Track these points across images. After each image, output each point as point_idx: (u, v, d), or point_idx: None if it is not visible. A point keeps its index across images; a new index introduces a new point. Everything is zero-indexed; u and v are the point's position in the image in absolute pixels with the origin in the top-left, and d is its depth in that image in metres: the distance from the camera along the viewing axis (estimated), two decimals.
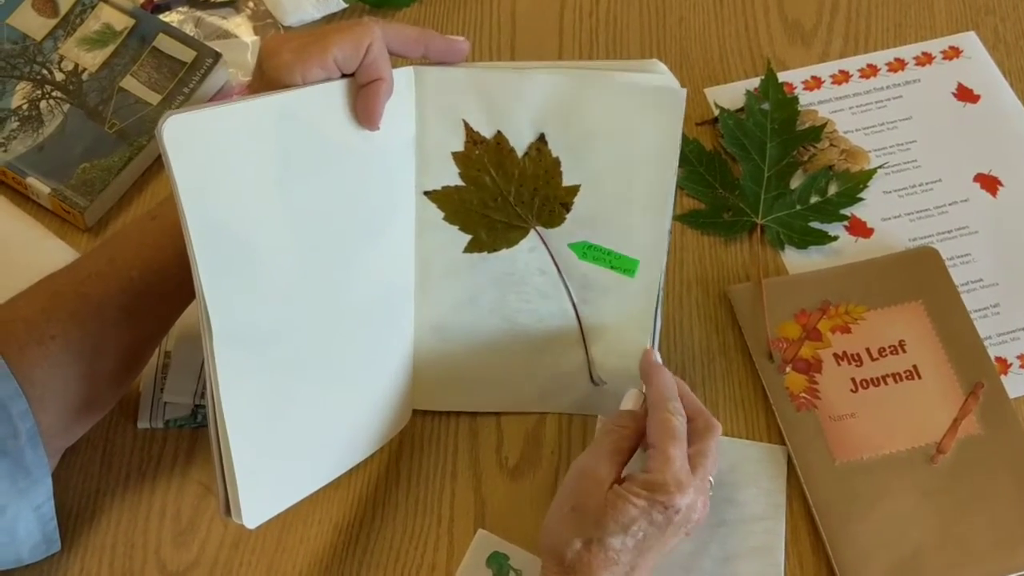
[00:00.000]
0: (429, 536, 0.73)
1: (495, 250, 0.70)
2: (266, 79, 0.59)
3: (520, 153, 0.66)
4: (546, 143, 0.66)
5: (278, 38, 0.60)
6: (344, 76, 0.60)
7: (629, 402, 0.68)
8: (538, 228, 0.69)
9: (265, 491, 0.65)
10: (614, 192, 0.67)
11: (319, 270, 0.63)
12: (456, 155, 0.66)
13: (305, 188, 0.60)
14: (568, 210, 0.68)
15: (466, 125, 0.65)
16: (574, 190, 0.67)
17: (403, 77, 0.62)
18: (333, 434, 0.70)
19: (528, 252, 0.70)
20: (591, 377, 0.75)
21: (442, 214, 0.68)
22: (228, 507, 0.63)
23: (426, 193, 0.67)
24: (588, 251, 0.69)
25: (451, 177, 0.67)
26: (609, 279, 0.70)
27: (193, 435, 0.76)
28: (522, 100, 0.64)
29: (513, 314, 0.72)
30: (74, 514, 0.74)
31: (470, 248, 0.70)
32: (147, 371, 0.77)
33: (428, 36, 0.62)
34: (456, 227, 0.69)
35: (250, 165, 0.57)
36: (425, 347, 0.73)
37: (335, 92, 0.60)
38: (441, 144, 0.66)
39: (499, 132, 0.65)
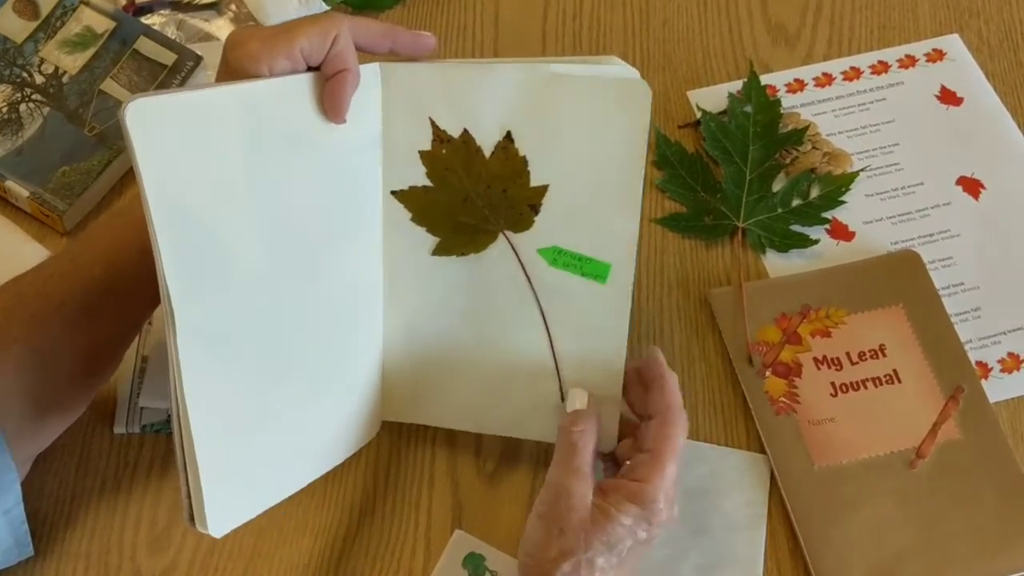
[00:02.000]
0: (406, 542, 0.72)
1: (464, 254, 0.68)
2: (231, 70, 0.58)
3: (488, 152, 0.65)
4: (512, 141, 0.65)
5: (245, 30, 0.60)
6: (311, 70, 0.59)
7: (577, 401, 0.67)
8: (506, 233, 0.68)
9: (231, 498, 0.63)
10: (583, 191, 0.65)
11: (286, 267, 0.62)
12: (423, 154, 0.65)
13: (271, 181, 0.59)
14: (536, 212, 0.66)
15: (432, 123, 0.64)
16: (542, 190, 0.66)
17: (369, 73, 0.62)
18: (302, 440, 0.68)
19: (498, 257, 0.68)
20: (561, 395, 0.70)
21: (409, 215, 0.67)
22: (192, 515, 0.61)
23: (393, 193, 0.67)
24: (558, 257, 0.67)
25: (418, 177, 0.66)
26: (580, 288, 0.68)
27: (169, 441, 0.76)
28: (488, 96, 0.63)
29: (482, 324, 0.70)
30: (49, 520, 0.73)
31: (438, 251, 0.68)
32: (123, 375, 0.77)
33: (395, 31, 0.62)
34: (424, 228, 0.68)
35: (215, 154, 0.56)
36: (395, 354, 0.72)
37: (302, 85, 0.59)
38: (408, 142, 0.65)
39: (465, 131, 0.64)
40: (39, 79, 0.91)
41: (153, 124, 0.52)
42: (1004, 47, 0.96)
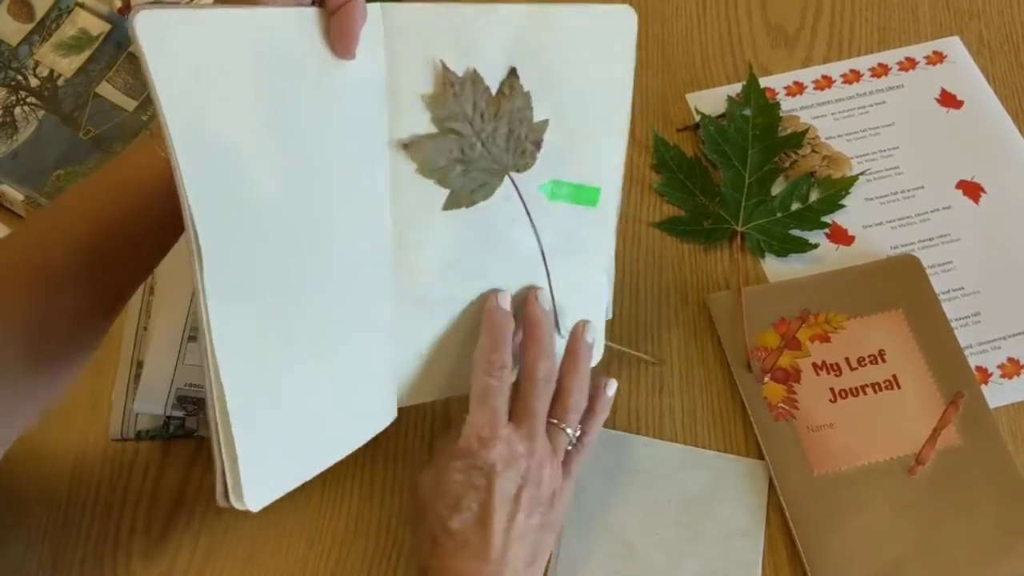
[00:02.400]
0: (403, 551, 0.72)
1: (473, 203, 0.65)
2: None
3: (494, 91, 0.63)
4: (518, 78, 0.64)
5: None
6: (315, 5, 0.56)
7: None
8: (511, 174, 0.66)
9: (267, 470, 0.59)
10: (578, 122, 0.66)
11: (302, 213, 0.59)
12: (428, 98, 0.62)
13: (281, 115, 0.56)
14: (539, 149, 0.66)
15: (442, 64, 0.61)
16: (544, 126, 0.65)
17: (370, 14, 0.58)
18: (332, 408, 0.65)
19: (504, 200, 0.66)
20: (557, 328, 0.70)
21: (414, 166, 0.63)
22: (227, 494, 0.58)
23: (404, 146, 0.63)
24: (556, 190, 0.67)
25: (424, 124, 0.63)
26: (573, 215, 0.68)
27: (165, 448, 0.75)
28: (492, 35, 0.62)
29: (488, 279, 0.68)
30: (44, 527, 0.73)
31: (449, 204, 0.65)
32: (119, 381, 0.77)
33: None
34: (432, 181, 0.64)
35: (227, 76, 0.53)
36: (410, 326, 0.68)
37: (308, 19, 0.56)
38: (413, 87, 0.61)
39: (474, 70, 0.62)
40: (34, 82, 0.90)
41: (164, 37, 0.50)
42: (1005, 49, 0.95)
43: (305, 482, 0.63)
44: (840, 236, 0.85)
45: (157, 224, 0.60)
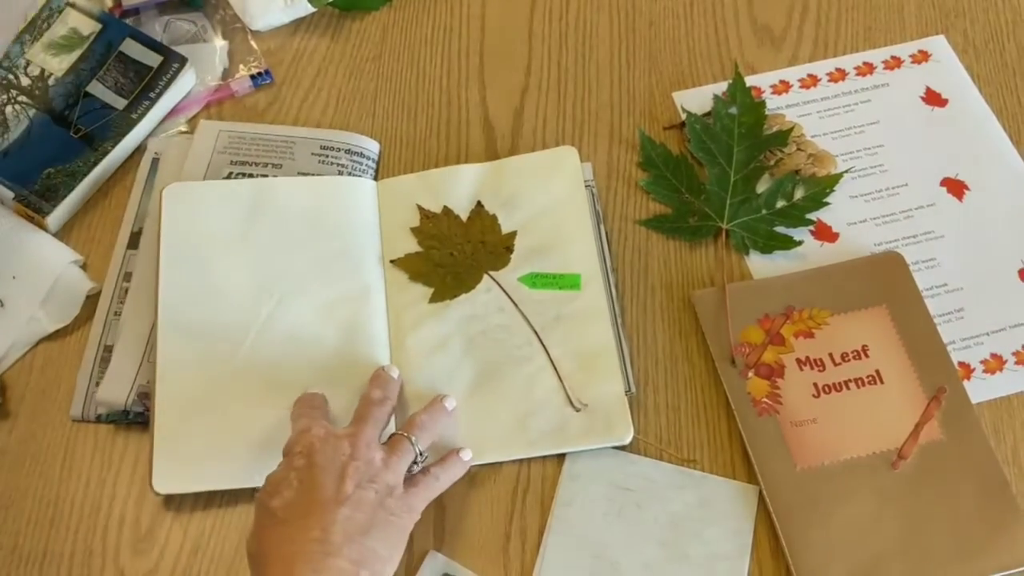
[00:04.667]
0: None
1: (456, 296, 0.81)
2: None
3: (464, 217, 0.85)
4: (483, 206, 0.85)
5: None
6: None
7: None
8: (490, 272, 0.82)
9: (178, 466, 0.73)
10: (544, 229, 0.83)
11: (271, 301, 0.79)
12: (413, 229, 0.84)
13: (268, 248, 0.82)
14: (511, 252, 0.83)
15: (419, 207, 0.85)
16: (512, 235, 0.84)
17: (368, 188, 0.86)
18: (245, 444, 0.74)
19: (485, 294, 0.81)
20: (571, 404, 0.76)
21: (407, 275, 0.82)
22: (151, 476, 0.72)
23: (392, 261, 0.83)
24: (536, 280, 0.81)
25: (411, 246, 0.84)
26: (561, 300, 0.80)
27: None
28: (459, 184, 0.86)
29: (484, 353, 0.78)
30: (33, 520, 0.73)
31: (434, 298, 0.81)
32: (84, 364, 0.79)
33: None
34: (420, 284, 0.82)
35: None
36: (411, 399, 0.78)
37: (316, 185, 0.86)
38: (401, 223, 0.85)
39: (445, 207, 0.85)
40: (25, 81, 0.91)
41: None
42: (989, 48, 0.96)
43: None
44: (825, 233, 0.85)
45: None
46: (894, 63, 0.95)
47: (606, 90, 0.94)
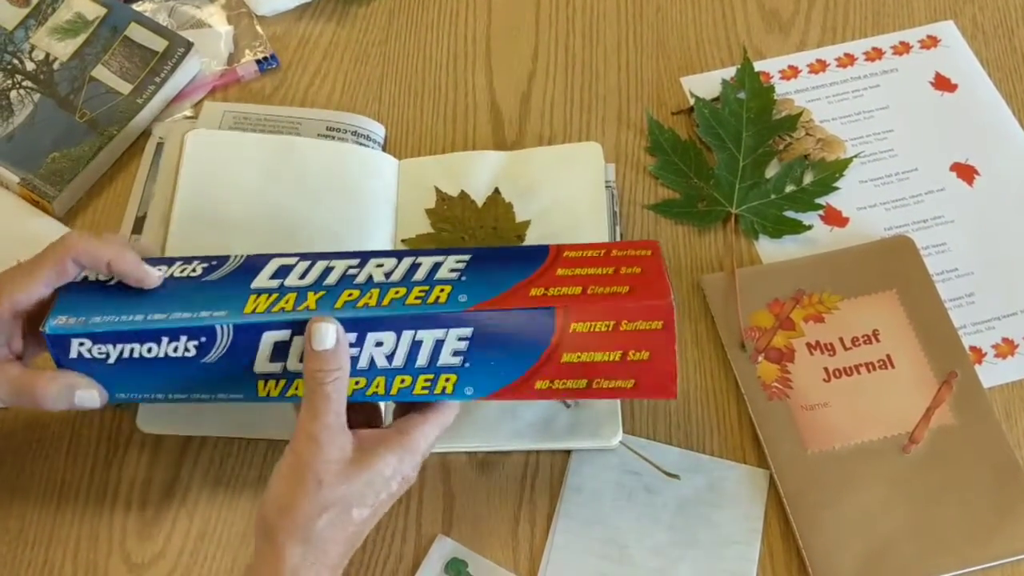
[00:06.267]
0: (397, 527, 0.72)
1: None
2: None
3: (480, 203, 0.84)
4: (500, 194, 0.84)
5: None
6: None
7: (327, 339, 0.62)
8: None
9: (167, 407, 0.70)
10: (558, 221, 0.82)
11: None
12: (428, 210, 0.84)
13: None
14: (522, 240, 0.82)
15: (436, 189, 0.84)
16: (525, 224, 0.83)
17: (390, 164, 0.86)
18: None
19: None
20: (564, 401, 0.74)
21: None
22: None
23: (403, 241, 0.82)
24: None
25: (424, 227, 0.83)
26: None
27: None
28: (479, 169, 0.85)
29: None
30: (39, 505, 0.73)
31: None
32: None
33: (120, 261, 0.64)
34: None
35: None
36: None
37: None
38: (417, 203, 0.84)
39: (462, 191, 0.84)
40: (30, 66, 0.90)
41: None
42: (999, 33, 0.95)
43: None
44: (834, 218, 0.85)
45: None
46: (903, 48, 0.94)
47: (614, 75, 0.93)
